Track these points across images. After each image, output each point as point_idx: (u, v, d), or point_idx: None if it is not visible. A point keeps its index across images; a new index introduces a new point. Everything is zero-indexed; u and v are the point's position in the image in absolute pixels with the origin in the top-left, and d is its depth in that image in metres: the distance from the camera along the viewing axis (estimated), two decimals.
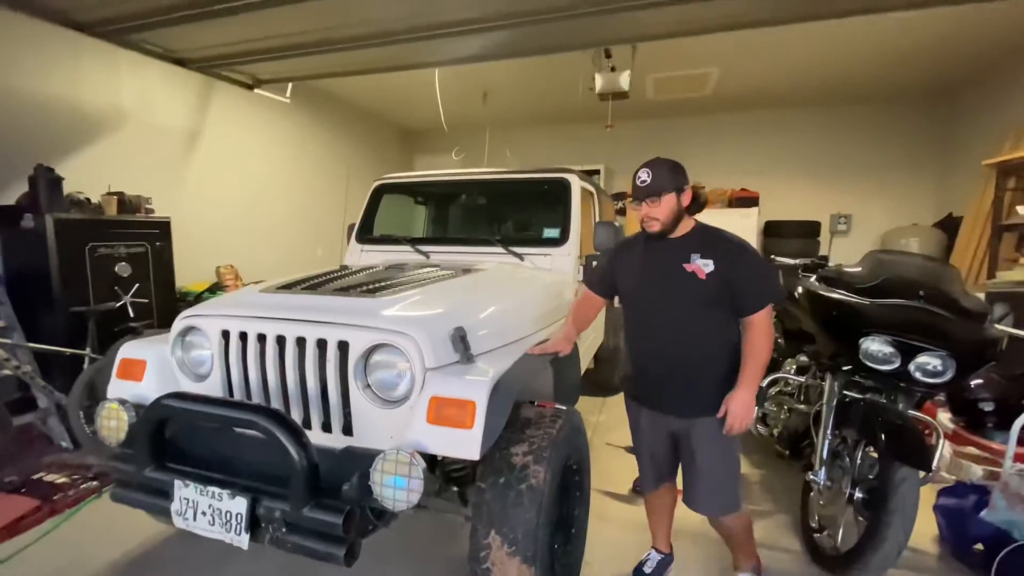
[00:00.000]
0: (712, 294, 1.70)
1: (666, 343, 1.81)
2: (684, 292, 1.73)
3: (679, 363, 1.80)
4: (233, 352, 1.75)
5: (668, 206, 1.72)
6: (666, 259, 1.77)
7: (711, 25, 3.26)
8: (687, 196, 1.74)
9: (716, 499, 1.83)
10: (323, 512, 1.36)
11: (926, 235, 6.14)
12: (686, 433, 1.83)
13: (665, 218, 1.73)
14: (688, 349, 1.78)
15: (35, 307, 3.35)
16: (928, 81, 5.88)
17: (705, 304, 1.72)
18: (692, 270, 1.71)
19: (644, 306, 1.86)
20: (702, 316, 1.74)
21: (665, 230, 1.76)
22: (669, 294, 1.77)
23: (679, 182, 1.73)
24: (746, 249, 1.73)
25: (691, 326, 1.76)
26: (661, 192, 1.70)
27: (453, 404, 1.43)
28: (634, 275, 1.86)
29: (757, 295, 1.68)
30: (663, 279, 1.78)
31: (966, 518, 2.21)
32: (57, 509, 2.56)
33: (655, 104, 6.85)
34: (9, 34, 3.45)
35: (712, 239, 1.76)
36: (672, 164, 1.76)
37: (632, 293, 1.90)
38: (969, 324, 2.04)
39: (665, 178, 1.71)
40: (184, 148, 4.90)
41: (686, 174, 1.77)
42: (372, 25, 3.26)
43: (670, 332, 1.80)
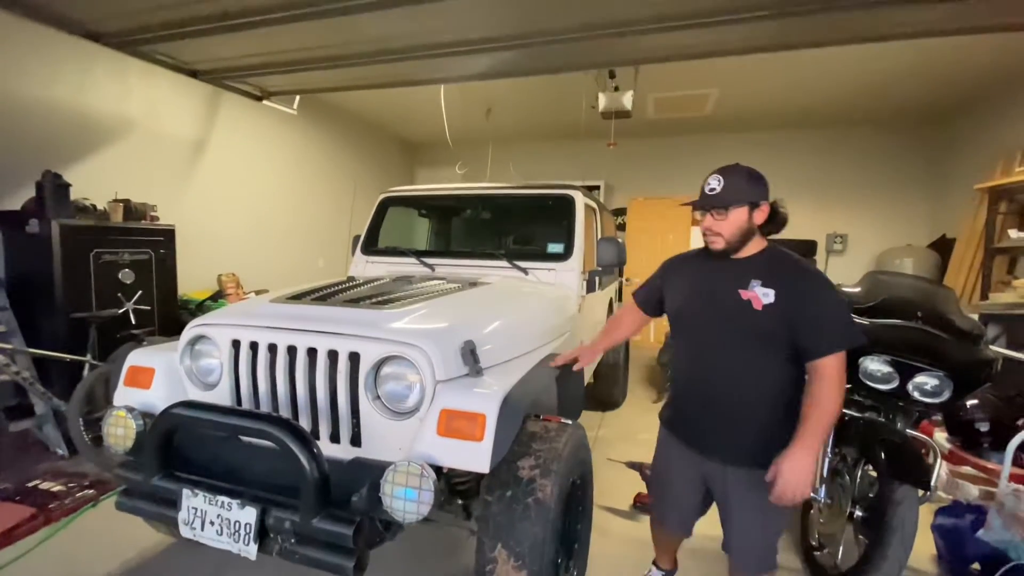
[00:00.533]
0: (767, 329, 1.46)
1: (708, 376, 1.60)
2: (734, 322, 1.51)
3: (720, 401, 1.58)
4: (243, 362, 1.76)
5: (736, 222, 1.49)
6: (722, 281, 1.54)
7: (712, 50, 3.35)
8: (762, 212, 1.50)
9: (750, 556, 1.65)
10: (333, 523, 1.36)
11: (920, 256, 6.24)
12: (721, 480, 1.63)
13: (730, 235, 1.50)
14: (732, 387, 1.55)
15: (36, 312, 3.35)
16: (922, 106, 6.02)
17: (757, 339, 1.49)
18: (748, 298, 1.47)
19: (689, 331, 1.66)
20: (752, 353, 1.51)
21: (729, 249, 1.53)
22: (718, 322, 1.55)
23: (755, 195, 1.48)
24: (818, 281, 1.47)
25: (738, 362, 1.53)
26: (730, 204, 1.47)
27: (463, 417, 1.45)
28: (683, 294, 1.67)
29: (826, 337, 1.40)
30: (714, 304, 1.56)
31: (963, 538, 2.23)
32: (52, 518, 2.53)
33: (655, 123, 6.97)
34: (20, 41, 3.49)
35: (780, 265, 1.51)
36: (750, 173, 1.51)
37: (678, 314, 1.69)
38: (966, 345, 2.08)
39: (738, 189, 1.47)
40: (190, 157, 4.94)
41: (766, 186, 1.52)
42: (380, 43, 3.33)
43: (714, 365, 1.58)
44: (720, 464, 1.61)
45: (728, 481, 1.61)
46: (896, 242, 6.71)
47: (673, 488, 1.82)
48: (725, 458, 1.60)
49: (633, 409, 4.51)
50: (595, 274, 3.00)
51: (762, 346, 1.49)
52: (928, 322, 2.15)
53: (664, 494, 1.88)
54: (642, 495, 2.81)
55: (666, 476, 1.84)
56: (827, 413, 1.40)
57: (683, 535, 1.91)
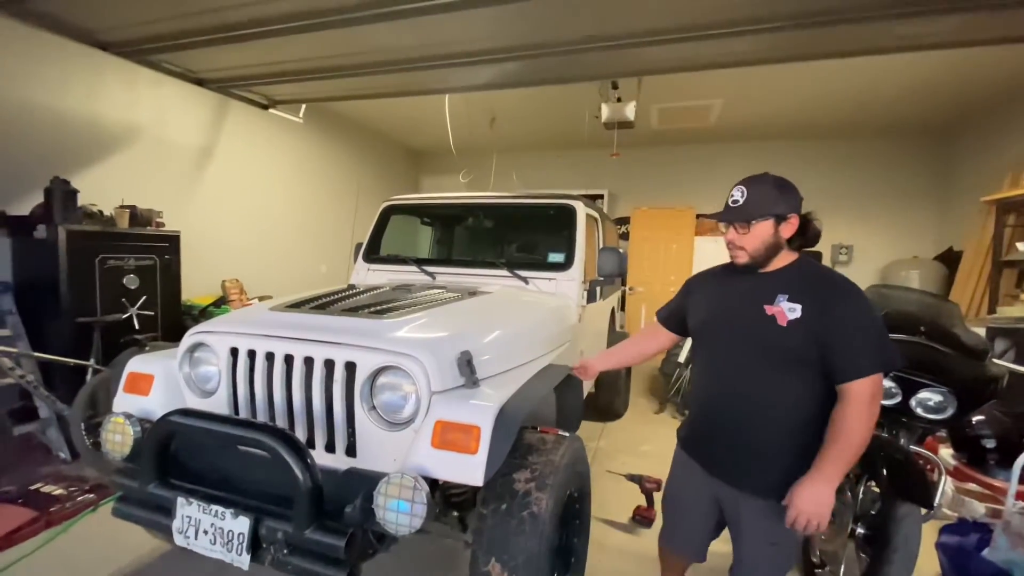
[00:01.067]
0: (792, 347, 1.35)
1: (727, 397, 1.50)
2: (757, 339, 1.40)
3: (739, 424, 1.47)
4: (241, 369, 1.76)
5: (761, 235, 1.40)
6: (747, 296, 1.44)
7: (715, 62, 3.36)
8: (790, 226, 1.39)
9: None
10: (325, 534, 1.35)
11: (927, 268, 6.19)
12: (734, 505, 1.53)
13: (754, 249, 1.42)
14: (752, 410, 1.44)
15: (42, 316, 3.38)
16: (928, 118, 6.01)
17: (780, 358, 1.38)
18: (773, 313, 1.36)
19: (710, 348, 1.57)
20: (775, 372, 1.39)
21: (754, 263, 1.44)
22: (740, 338, 1.45)
23: (782, 207, 1.38)
24: (850, 295, 1.34)
25: (759, 383, 1.42)
26: (753, 218, 1.39)
27: (458, 429, 1.44)
28: (706, 310, 1.57)
29: (856, 358, 1.28)
30: (736, 319, 1.46)
31: (968, 557, 2.19)
32: (53, 521, 2.54)
33: (659, 133, 6.99)
34: (31, 50, 3.55)
35: (810, 278, 1.39)
36: (778, 183, 1.41)
37: (699, 331, 1.60)
38: (970, 361, 2.06)
39: (762, 201, 1.38)
40: (197, 164, 4.99)
41: (796, 197, 1.41)
42: (385, 53, 3.36)
43: (734, 385, 1.48)
44: (735, 490, 1.51)
45: (742, 509, 1.51)
46: (902, 254, 6.67)
47: (685, 511, 1.71)
48: (740, 486, 1.49)
49: (635, 420, 4.48)
50: (596, 284, 2.99)
51: (786, 365, 1.37)
52: (931, 337, 2.13)
53: (675, 516, 1.77)
54: (642, 508, 2.79)
55: (679, 497, 1.74)
56: (854, 443, 1.28)
57: (693, 560, 1.78)
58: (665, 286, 7.15)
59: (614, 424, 4.35)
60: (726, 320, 1.51)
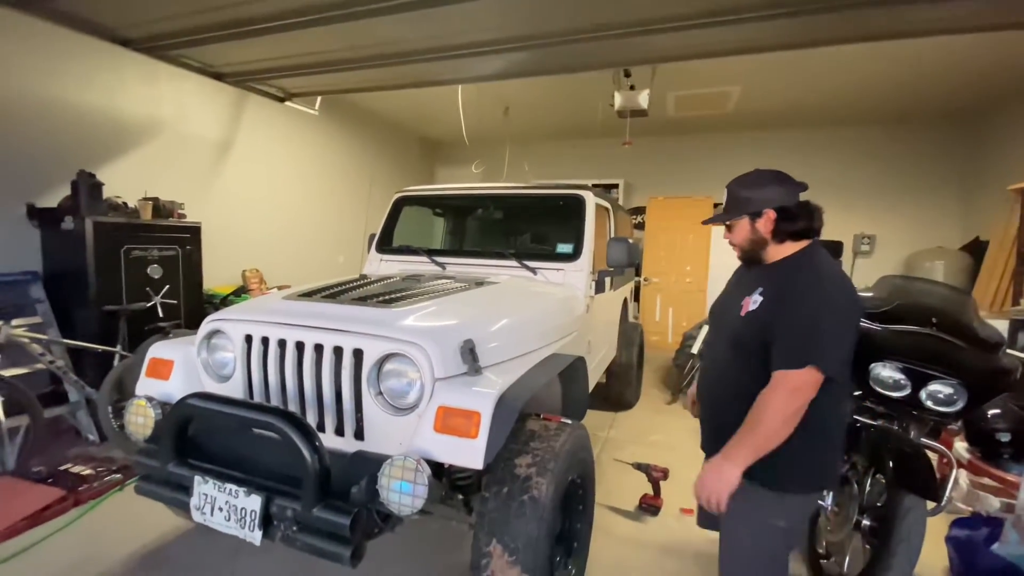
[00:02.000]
0: (741, 335, 1.43)
1: (706, 380, 1.64)
2: (728, 328, 1.51)
3: (714, 406, 1.60)
4: (255, 356, 1.83)
5: (741, 233, 1.49)
6: (739, 289, 1.54)
7: (730, 48, 3.30)
8: (767, 220, 1.43)
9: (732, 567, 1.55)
10: (332, 513, 1.42)
11: (951, 259, 6.02)
12: None
13: (741, 244, 1.51)
14: (721, 393, 1.55)
15: (71, 305, 3.53)
16: (954, 103, 5.81)
17: (736, 345, 1.46)
18: (742, 304, 1.45)
19: (709, 335, 1.70)
20: (732, 358, 1.48)
21: (746, 257, 1.53)
22: (720, 324, 1.59)
23: (753, 205, 1.43)
24: (804, 293, 1.34)
25: (721, 366, 1.54)
26: (729, 218, 1.50)
27: (459, 414, 1.49)
28: (718, 299, 1.67)
29: (786, 350, 1.31)
30: (725, 307, 1.57)
31: (977, 550, 2.16)
32: (81, 500, 2.68)
33: (676, 121, 6.89)
34: (56, 48, 3.67)
35: (784, 271, 1.42)
36: (753, 179, 1.47)
37: (709, 317, 1.73)
38: (981, 353, 2.02)
39: (735, 201, 1.47)
40: (216, 157, 5.11)
41: (777, 191, 1.43)
42: (398, 45, 3.39)
43: (713, 370, 1.61)
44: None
45: None
46: (926, 244, 6.49)
47: None
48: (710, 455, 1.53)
49: (646, 410, 4.49)
50: (604, 274, 3.00)
51: (743, 353, 1.43)
52: (943, 329, 2.09)
53: None
54: (648, 496, 2.82)
55: None
56: (761, 428, 1.29)
57: None
58: (681, 276, 7.09)
59: (625, 414, 4.37)
60: (721, 307, 1.63)
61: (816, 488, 1.51)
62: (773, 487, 1.39)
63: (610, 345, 3.95)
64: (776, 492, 1.40)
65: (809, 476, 1.43)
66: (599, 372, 3.67)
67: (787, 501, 1.42)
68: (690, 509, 2.81)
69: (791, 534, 1.49)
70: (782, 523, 1.43)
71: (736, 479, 1.31)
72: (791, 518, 1.46)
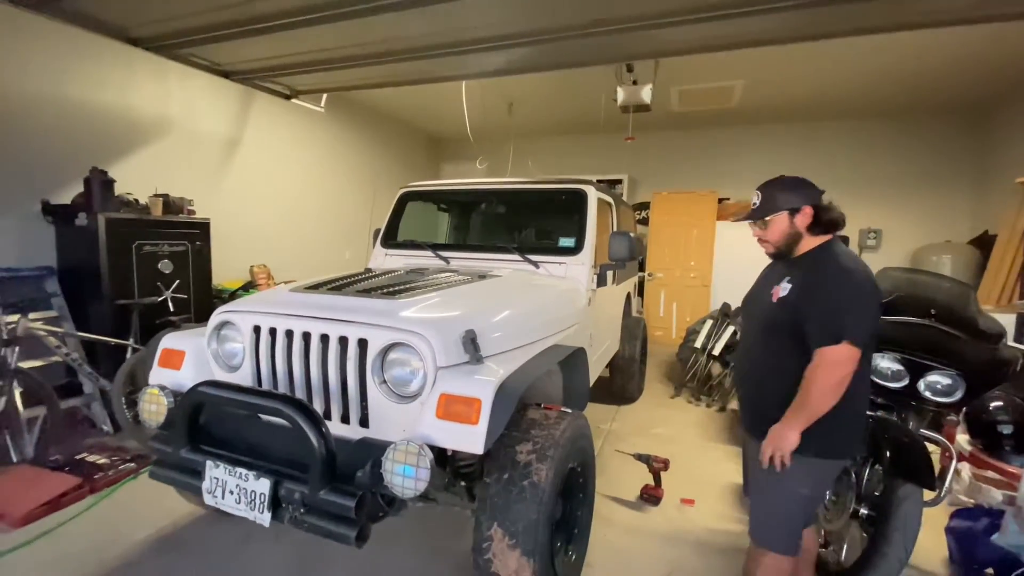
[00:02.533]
0: (775, 319, 1.61)
1: (742, 362, 1.85)
2: (760, 315, 1.70)
3: (748, 384, 1.80)
4: (263, 346, 1.89)
5: (777, 228, 1.63)
6: (768, 281, 1.73)
7: (733, 42, 3.30)
8: (804, 216, 1.60)
9: (758, 525, 1.72)
10: (338, 496, 1.47)
11: (960, 253, 5.98)
12: (749, 450, 1.81)
13: (776, 241, 1.66)
14: (757, 373, 1.73)
15: (85, 299, 3.61)
16: (962, 95, 5.75)
17: (770, 329, 1.64)
18: (772, 292, 1.64)
19: (743, 321, 1.91)
20: (767, 341, 1.66)
21: (779, 252, 1.68)
22: (753, 313, 1.77)
23: (792, 201, 1.60)
24: (828, 272, 1.53)
25: (758, 349, 1.72)
26: (768, 214, 1.64)
27: (461, 401, 1.53)
28: (750, 291, 1.86)
29: (820, 327, 1.48)
30: (757, 297, 1.76)
31: (976, 541, 2.18)
32: (97, 487, 2.76)
33: (680, 116, 6.88)
34: (68, 48, 3.75)
35: (811, 262, 1.60)
36: (788, 183, 1.65)
37: (742, 308, 1.93)
38: (980, 344, 2.04)
39: (774, 199, 1.63)
40: (225, 154, 5.19)
41: (807, 191, 1.62)
42: (402, 41, 3.42)
43: (745, 352, 1.83)
44: (751, 438, 1.77)
45: (751, 450, 1.76)
46: (934, 238, 6.45)
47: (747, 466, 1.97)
48: (752, 431, 1.75)
49: (649, 404, 4.52)
50: (607, 268, 3.03)
51: (776, 336, 1.62)
52: (942, 320, 2.11)
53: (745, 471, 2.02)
54: (649, 487, 2.85)
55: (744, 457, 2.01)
56: (809, 398, 1.49)
57: None
58: (686, 272, 7.09)
59: (628, 407, 4.40)
60: (753, 298, 1.80)
61: (839, 455, 1.63)
62: (803, 452, 1.54)
63: (613, 339, 3.98)
64: (804, 456, 1.54)
65: (834, 442, 1.57)
66: (601, 365, 3.70)
67: (813, 467, 1.58)
68: (690, 499, 2.84)
69: (811, 503, 1.66)
70: (805, 490, 1.61)
71: (795, 439, 1.51)
72: (815, 486, 1.63)
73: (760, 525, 1.72)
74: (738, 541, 2.49)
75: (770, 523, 1.69)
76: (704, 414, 4.29)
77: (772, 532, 1.68)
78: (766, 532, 1.70)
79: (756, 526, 1.73)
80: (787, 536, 1.66)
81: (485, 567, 1.64)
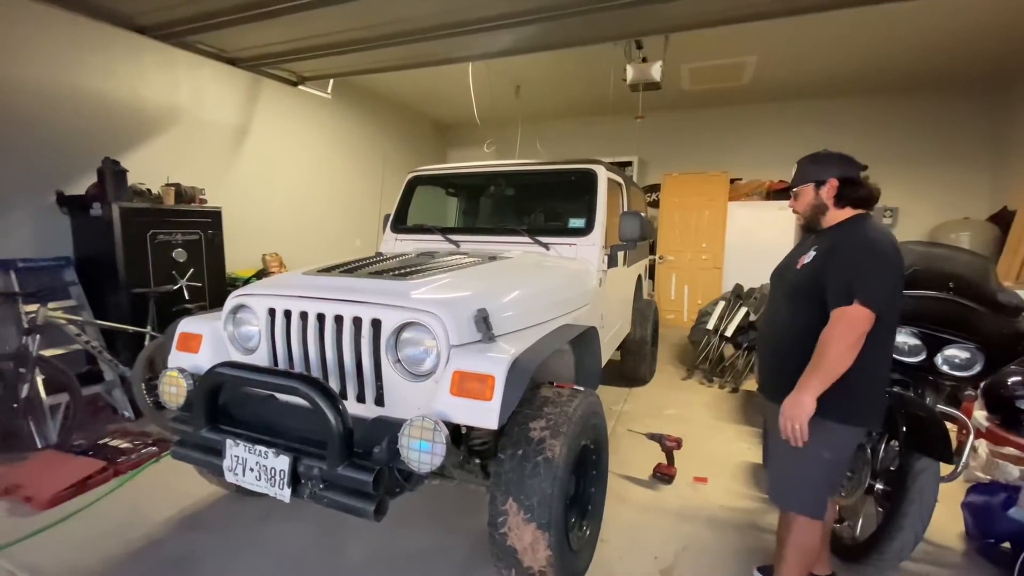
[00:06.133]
0: (798, 284, 1.67)
1: (769, 327, 1.89)
2: (786, 281, 1.75)
3: (768, 348, 1.85)
4: (278, 328, 1.91)
5: (804, 199, 1.72)
6: (798, 251, 1.79)
7: (745, 14, 3.23)
8: (830, 187, 1.66)
9: (779, 488, 1.76)
10: (356, 471, 1.49)
11: (978, 229, 5.86)
12: (774, 418, 1.75)
13: (803, 210, 1.74)
14: (774, 335, 1.79)
15: (102, 288, 3.67)
16: (980, 68, 5.58)
17: (792, 294, 1.70)
18: (799, 260, 1.71)
19: (769, 293, 1.95)
20: (789, 306, 1.72)
21: (807, 223, 1.76)
22: (779, 283, 1.82)
23: (819, 174, 1.67)
24: (852, 240, 1.58)
25: (780, 315, 1.77)
26: (796, 185, 1.74)
27: (474, 378, 1.54)
28: (779, 264, 1.90)
29: (835, 289, 1.53)
30: (785, 268, 1.81)
31: (993, 516, 2.17)
32: (120, 470, 2.83)
33: (691, 94, 6.76)
34: (78, 38, 3.76)
35: (838, 232, 1.66)
36: (822, 156, 1.71)
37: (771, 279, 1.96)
38: (999, 317, 2.00)
39: (803, 171, 1.72)
40: (234, 142, 5.21)
41: (836, 164, 1.67)
42: (407, 23, 3.39)
43: (769, 318, 1.89)
44: (769, 402, 1.79)
45: (770, 416, 1.76)
46: (952, 215, 6.32)
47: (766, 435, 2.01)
48: (771, 395, 1.78)
49: (661, 386, 4.52)
50: (617, 249, 3.01)
51: (797, 301, 1.68)
52: (960, 293, 2.07)
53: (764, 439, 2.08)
54: (662, 465, 2.86)
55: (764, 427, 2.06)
56: (825, 359, 1.51)
57: None
58: (697, 254, 7.03)
59: (640, 389, 4.40)
60: (781, 269, 1.84)
61: (860, 422, 1.63)
62: (823, 416, 1.55)
63: (624, 321, 3.97)
64: (825, 420, 1.55)
65: (853, 407, 1.59)
66: (613, 347, 3.70)
67: (834, 432, 1.59)
68: (703, 478, 2.85)
69: (833, 467, 1.67)
70: (827, 454, 1.61)
71: (812, 405, 1.52)
72: (836, 450, 1.63)
73: (782, 488, 1.75)
74: (752, 517, 2.50)
75: (792, 485, 1.71)
76: (716, 395, 4.28)
77: (795, 494, 1.71)
78: (788, 495, 1.73)
79: (777, 490, 1.77)
80: (812, 499, 1.68)
81: (501, 541, 1.66)
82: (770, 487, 1.81)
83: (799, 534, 1.71)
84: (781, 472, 1.76)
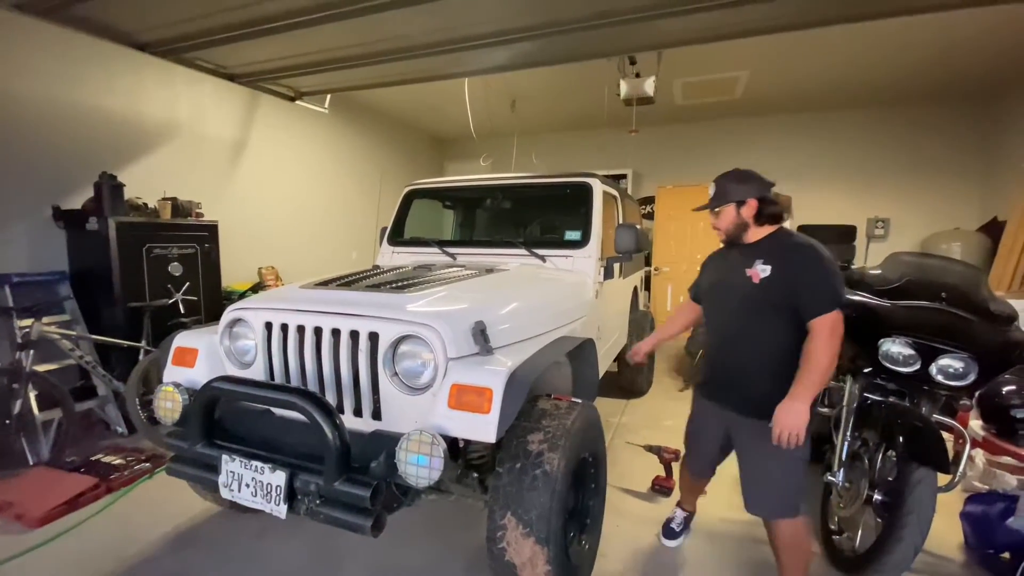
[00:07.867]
0: (764, 298, 1.74)
1: (724, 343, 1.94)
2: (739, 295, 1.82)
3: (734, 362, 1.89)
4: (275, 342, 1.90)
5: (727, 218, 1.84)
6: (735, 264, 1.86)
7: (737, 31, 3.28)
8: (749, 207, 1.80)
9: (763, 500, 1.84)
10: (353, 486, 1.48)
11: (969, 240, 5.92)
12: (737, 429, 1.90)
13: (725, 228, 1.86)
14: (742, 350, 1.85)
15: (97, 302, 3.66)
16: (970, 80, 5.69)
17: (757, 308, 1.77)
18: (750, 274, 1.78)
19: (711, 307, 2.03)
20: (754, 319, 1.79)
21: (729, 239, 1.89)
22: (728, 296, 1.88)
23: (739, 194, 1.80)
24: (804, 249, 1.72)
25: (744, 328, 1.83)
26: (718, 204, 1.85)
27: (472, 391, 1.54)
28: (711, 279, 2.03)
29: (813, 299, 1.65)
30: (727, 282, 1.89)
31: (992, 525, 2.17)
32: (113, 487, 2.79)
33: (684, 108, 6.85)
34: (77, 54, 3.79)
35: (778, 245, 1.79)
36: (737, 175, 1.85)
37: (707, 295, 2.06)
38: (992, 326, 2.02)
39: (724, 191, 1.83)
40: (231, 156, 5.23)
41: (755, 184, 1.82)
42: (404, 39, 3.44)
43: (727, 333, 1.92)
44: (736, 415, 1.88)
45: (742, 431, 1.87)
46: (943, 226, 6.39)
47: (700, 439, 2.16)
48: (740, 410, 1.86)
49: (658, 398, 4.52)
50: (613, 261, 3.03)
51: (761, 313, 1.77)
52: (953, 303, 2.09)
53: (694, 446, 2.21)
54: (660, 478, 2.85)
55: (697, 432, 2.18)
56: (817, 365, 1.62)
57: (707, 476, 2.28)
58: (692, 265, 7.06)
59: (637, 401, 4.40)
60: (722, 283, 1.93)
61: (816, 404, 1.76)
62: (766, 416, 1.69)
63: (621, 332, 3.98)
64: None
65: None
66: (609, 358, 3.70)
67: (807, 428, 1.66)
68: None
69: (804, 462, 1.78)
70: (802, 452, 1.73)
71: (807, 413, 1.63)
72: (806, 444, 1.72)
73: (771, 499, 1.82)
74: (750, 529, 2.48)
75: (780, 493, 1.79)
76: None
77: (780, 500, 1.80)
78: (775, 504, 1.81)
79: (764, 503, 1.83)
80: (794, 501, 1.79)
81: (499, 556, 1.65)
82: (755, 501, 1.86)
83: (789, 535, 1.81)
84: (766, 484, 1.82)
